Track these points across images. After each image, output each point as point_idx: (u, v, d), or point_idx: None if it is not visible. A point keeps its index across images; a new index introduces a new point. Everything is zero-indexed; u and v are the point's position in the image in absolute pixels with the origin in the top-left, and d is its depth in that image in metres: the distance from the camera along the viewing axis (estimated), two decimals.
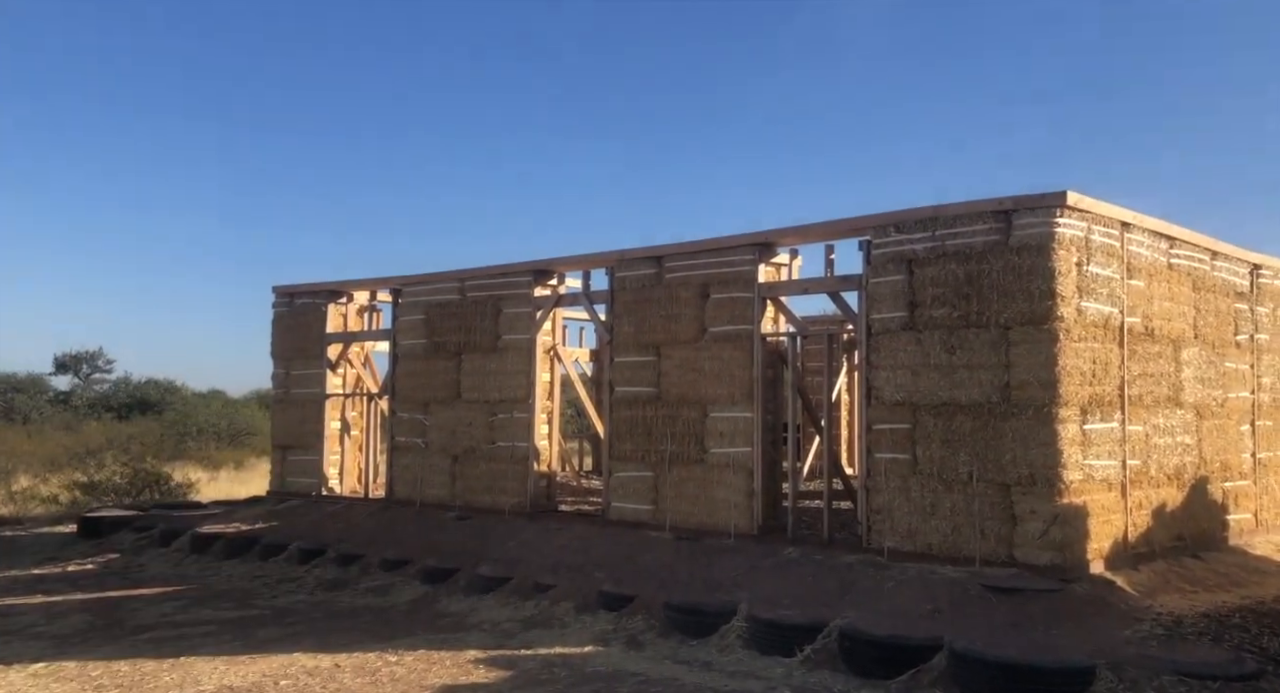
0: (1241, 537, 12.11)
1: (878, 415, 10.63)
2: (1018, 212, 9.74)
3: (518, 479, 14.68)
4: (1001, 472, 9.57)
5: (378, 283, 17.79)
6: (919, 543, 10.10)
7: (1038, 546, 9.30)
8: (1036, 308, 9.47)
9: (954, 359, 10.00)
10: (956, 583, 9.12)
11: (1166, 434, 10.89)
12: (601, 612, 10.04)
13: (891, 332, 10.57)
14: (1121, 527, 9.95)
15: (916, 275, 10.40)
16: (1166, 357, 10.98)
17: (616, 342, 13.52)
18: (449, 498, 15.52)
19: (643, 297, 13.20)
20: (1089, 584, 9.00)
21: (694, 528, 12.16)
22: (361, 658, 8.65)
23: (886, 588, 9.34)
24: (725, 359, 12.17)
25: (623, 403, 13.32)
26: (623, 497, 13.20)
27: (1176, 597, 9.18)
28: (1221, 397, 12.08)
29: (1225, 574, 10.37)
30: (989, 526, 9.63)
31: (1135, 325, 10.44)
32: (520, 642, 9.32)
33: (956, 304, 10.04)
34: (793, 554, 10.80)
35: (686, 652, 8.67)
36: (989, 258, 9.85)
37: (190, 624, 10.56)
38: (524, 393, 14.71)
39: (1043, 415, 9.33)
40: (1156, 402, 10.75)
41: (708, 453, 12.26)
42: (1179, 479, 11.05)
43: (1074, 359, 9.45)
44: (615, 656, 8.64)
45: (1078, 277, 9.64)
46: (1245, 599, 9.23)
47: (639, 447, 13.04)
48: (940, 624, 8.18)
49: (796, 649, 8.16)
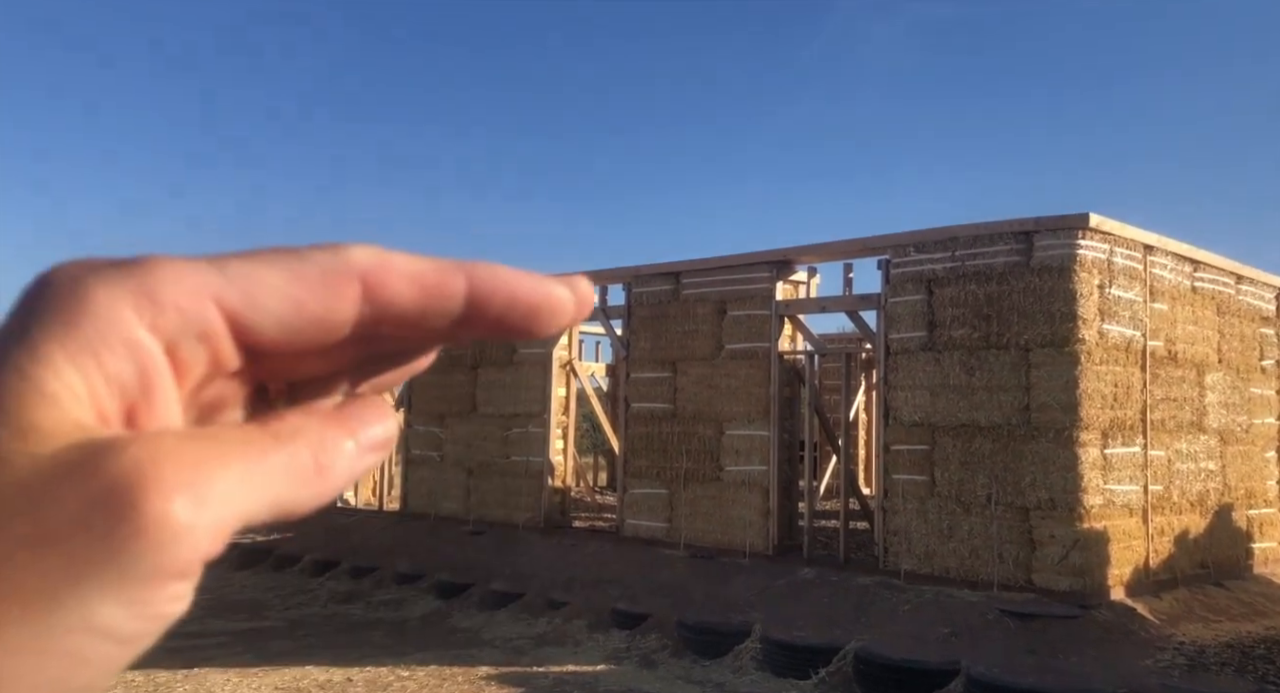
0: (1266, 565, 11.90)
1: (895, 436, 10.54)
2: (1039, 233, 9.68)
3: (532, 494, 14.65)
4: (1021, 495, 9.46)
5: None
6: (936, 566, 9.98)
7: (1057, 571, 9.17)
8: (1057, 330, 9.38)
9: (973, 380, 9.92)
10: (974, 607, 9.01)
11: (1189, 460, 10.74)
12: (615, 630, 9.98)
13: (910, 352, 10.50)
14: (1143, 553, 9.80)
15: (936, 295, 10.34)
16: (1190, 381, 10.85)
17: (633, 357, 13.51)
18: (463, 512, 15.50)
19: (660, 312, 13.18)
20: (1109, 611, 8.86)
21: (709, 546, 12.08)
22: (374, 673, 8.62)
23: (903, 611, 9.24)
24: (742, 377, 12.12)
25: (638, 419, 13.28)
26: (637, 513, 13.14)
27: (1199, 626, 9.02)
28: (1246, 422, 11.91)
29: (1249, 604, 10.19)
30: (1007, 549, 9.52)
31: (1158, 349, 10.33)
32: (533, 659, 9.26)
33: (976, 325, 9.97)
34: (808, 575, 10.70)
35: (700, 672, 8.59)
36: (1010, 279, 9.78)
37: (203, 635, 10.57)
38: (539, 407, 14.70)
39: (1063, 439, 9.23)
40: (1179, 426, 10.61)
41: (723, 471, 12.19)
42: (1202, 505, 10.88)
43: (1095, 382, 9.35)
44: (628, 675, 8.58)
45: (1099, 299, 9.55)
46: (1270, 630, 9.07)
47: (654, 463, 12.98)
48: (957, 649, 8.07)
49: (811, 672, 8.07)
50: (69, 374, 0.28)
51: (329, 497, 0.32)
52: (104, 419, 0.29)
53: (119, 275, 0.30)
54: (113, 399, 0.29)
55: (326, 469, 0.31)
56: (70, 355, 0.28)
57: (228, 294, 0.31)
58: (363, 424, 0.33)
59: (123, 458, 0.27)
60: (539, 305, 0.34)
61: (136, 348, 0.29)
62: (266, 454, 0.30)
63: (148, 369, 0.30)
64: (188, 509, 0.27)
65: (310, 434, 0.31)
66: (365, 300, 0.33)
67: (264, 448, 0.30)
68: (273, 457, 0.30)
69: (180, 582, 0.27)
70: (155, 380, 0.30)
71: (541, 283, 0.35)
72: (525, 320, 0.34)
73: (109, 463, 0.26)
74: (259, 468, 0.29)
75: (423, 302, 0.33)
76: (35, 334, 0.28)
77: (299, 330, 0.32)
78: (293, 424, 0.31)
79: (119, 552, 0.26)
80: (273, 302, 0.31)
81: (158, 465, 0.27)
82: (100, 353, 0.29)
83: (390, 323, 0.33)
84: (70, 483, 0.26)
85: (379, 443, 0.34)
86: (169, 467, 0.27)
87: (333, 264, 0.32)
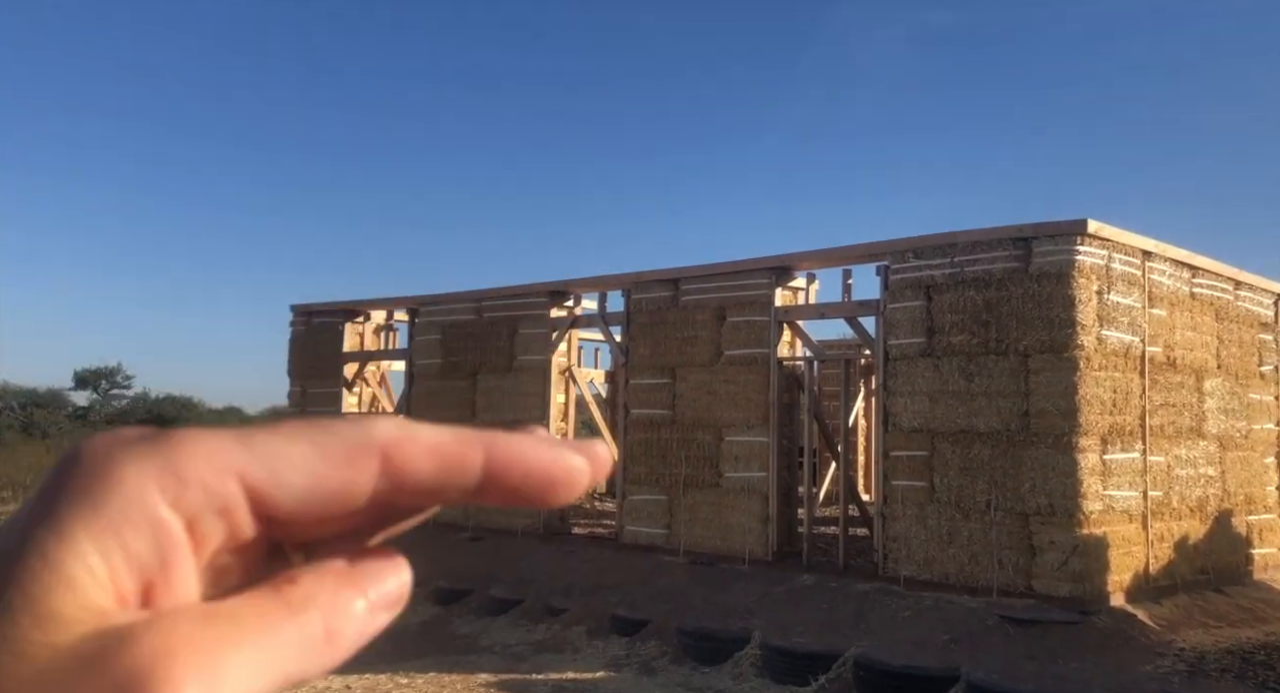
0: (1266, 571, 11.89)
1: (895, 442, 10.54)
2: (1038, 239, 9.69)
3: None
4: (1020, 501, 9.46)
5: (395, 302, 17.87)
6: (936, 572, 9.97)
7: (1057, 577, 9.16)
8: (1056, 336, 9.39)
9: (972, 386, 9.92)
10: (973, 613, 9.00)
11: (1189, 465, 10.74)
12: (614, 636, 9.96)
13: (909, 357, 10.50)
14: (1143, 559, 9.79)
15: (935, 301, 10.35)
16: (1189, 387, 10.85)
17: (632, 364, 13.50)
18: (462, 518, 15.47)
19: (658, 319, 13.19)
20: (1109, 617, 8.85)
21: (708, 553, 12.07)
22: (372, 680, 8.60)
23: (902, 617, 9.23)
24: (741, 383, 12.12)
25: (637, 425, 13.28)
26: (636, 520, 13.13)
27: (1199, 632, 9.01)
28: (1245, 428, 11.91)
29: (1249, 610, 10.18)
30: (1007, 555, 9.51)
31: (1157, 355, 10.33)
32: (532, 666, 9.24)
33: (975, 331, 9.97)
34: (808, 581, 10.69)
35: (700, 679, 8.57)
36: (1008, 285, 9.79)
37: None
38: (539, 414, 14.69)
39: (1062, 444, 9.23)
40: (1178, 432, 10.61)
41: (723, 477, 12.18)
42: (1201, 511, 10.88)
43: (1094, 388, 9.35)
44: (627, 682, 8.56)
45: (1098, 305, 9.56)
46: (1270, 636, 9.05)
47: (653, 470, 12.98)
48: (957, 655, 8.06)
49: (811, 678, 8.06)
50: (91, 557, 0.29)
51: (337, 663, 0.33)
52: (122, 601, 0.29)
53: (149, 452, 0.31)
54: (132, 578, 0.30)
55: (336, 635, 0.32)
56: (93, 536, 0.29)
57: (252, 471, 0.32)
58: (374, 582, 0.34)
59: (137, 650, 0.27)
60: (555, 479, 0.35)
61: (159, 526, 0.30)
62: (279, 628, 0.31)
63: (167, 546, 0.30)
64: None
65: (322, 599, 0.32)
66: (384, 473, 0.33)
67: (277, 621, 0.31)
68: (285, 630, 0.31)
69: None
70: (174, 557, 0.31)
71: (558, 455, 0.35)
72: (541, 493, 0.35)
73: (124, 656, 0.27)
74: (271, 645, 0.30)
75: (441, 475, 0.34)
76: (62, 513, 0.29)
77: (318, 503, 0.33)
78: (305, 590, 0.32)
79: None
80: (294, 477, 0.32)
81: (171, 656, 0.27)
82: (124, 532, 0.30)
83: (408, 494, 0.34)
84: (87, 677, 0.27)
85: (391, 600, 0.35)
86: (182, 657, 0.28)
87: (356, 439, 0.33)
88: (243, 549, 0.34)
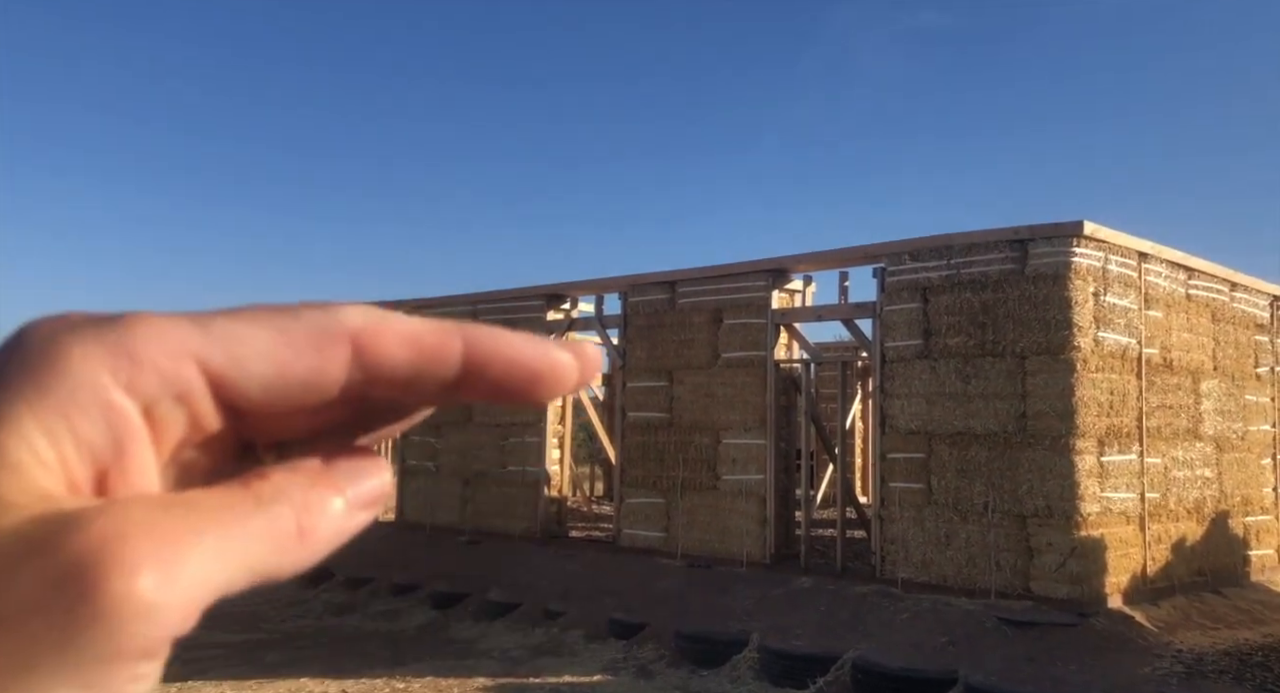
0: (1264, 573, 11.90)
1: (892, 444, 10.54)
2: (1034, 241, 9.70)
3: (528, 504, 14.61)
4: (1018, 503, 9.46)
5: (389, 306, 17.76)
6: (933, 574, 9.97)
7: (1054, 578, 9.16)
8: (1053, 338, 9.39)
9: (969, 388, 9.92)
10: (971, 616, 8.99)
11: (1186, 467, 10.74)
12: (611, 640, 9.95)
13: (906, 360, 10.50)
14: (1140, 561, 9.80)
15: (931, 303, 10.35)
16: (1185, 388, 10.86)
17: (629, 366, 13.49)
18: (459, 522, 15.45)
19: (656, 322, 13.18)
20: (1107, 619, 8.85)
21: (706, 555, 12.06)
22: (369, 684, 8.58)
23: (900, 620, 9.22)
24: (738, 385, 12.12)
25: (635, 428, 13.26)
26: (634, 523, 13.11)
27: (1197, 633, 9.01)
28: (1242, 429, 11.93)
29: (1247, 611, 10.19)
30: (1005, 557, 9.51)
31: (1153, 356, 10.34)
32: (529, 669, 9.23)
33: (972, 333, 9.98)
34: (805, 584, 10.68)
35: (698, 682, 8.56)
36: (1005, 287, 9.79)
37: (198, 647, 10.50)
38: (535, 417, 14.67)
39: (1059, 446, 9.23)
40: (1175, 434, 10.62)
41: (720, 480, 12.18)
42: (1199, 513, 10.88)
43: (1091, 390, 9.36)
44: (625, 685, 8.54)
45: (1095, 307, 9.56)
46: (1267, 637, 9.06)
47: (651, 473, 12.96)
48: (955, 658, 8.06)
49: (809, 681, 8.05)
50: (37, 440, 0.27)
51: (312, 562, 0.31)
52: (74, 488, 0.28)
53: (97, 333, 0.29)
54: (84, 465, 0.28)
55: (310, 533, 0.30)
56: (40, 420, 0.27)
57: (210, 354, 0.30)
58: (352, 480, 0.32)
59: (87, 533, 0.25)
60: (541, 371, 0.33)
61: (111, 411, 0.28)
62: (245, 519, 0.28)
63: (122, 433, 0.28)
64: (155, 587, 0.25)
65: (294, 494, 0.30)
66: (355, 363, 0.31)
67: (243, 512, 0.29)
68: (252, 522, 0.28)
69: (144, 662, 0.26)
70: (130, 444, 0.29)
71: (545, 348, 0.33)
72: (526, 386, 0.33)
73: (71, 539, 0.25)
74: (237, 535, 0.28)
75: (417, 365, 0.32)
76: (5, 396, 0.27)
77: (284, 392, 0.31)
78: (275, 484, 0.30)
79: (76, 636, 0.25)
80: (257, 363, 0.30)
81: (123, 540, 0.25)
82: (73, 416, 0.28)
83: (382, 385, 0.32)
84: (29, 561, 0.25)
85: (370, 499, 0.33)
86: (136, 540, 0.25)
87: (323, 324, 0.31)
88: (210, 446, 0.32)
